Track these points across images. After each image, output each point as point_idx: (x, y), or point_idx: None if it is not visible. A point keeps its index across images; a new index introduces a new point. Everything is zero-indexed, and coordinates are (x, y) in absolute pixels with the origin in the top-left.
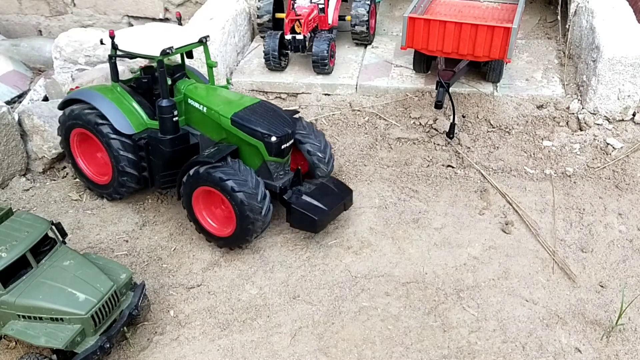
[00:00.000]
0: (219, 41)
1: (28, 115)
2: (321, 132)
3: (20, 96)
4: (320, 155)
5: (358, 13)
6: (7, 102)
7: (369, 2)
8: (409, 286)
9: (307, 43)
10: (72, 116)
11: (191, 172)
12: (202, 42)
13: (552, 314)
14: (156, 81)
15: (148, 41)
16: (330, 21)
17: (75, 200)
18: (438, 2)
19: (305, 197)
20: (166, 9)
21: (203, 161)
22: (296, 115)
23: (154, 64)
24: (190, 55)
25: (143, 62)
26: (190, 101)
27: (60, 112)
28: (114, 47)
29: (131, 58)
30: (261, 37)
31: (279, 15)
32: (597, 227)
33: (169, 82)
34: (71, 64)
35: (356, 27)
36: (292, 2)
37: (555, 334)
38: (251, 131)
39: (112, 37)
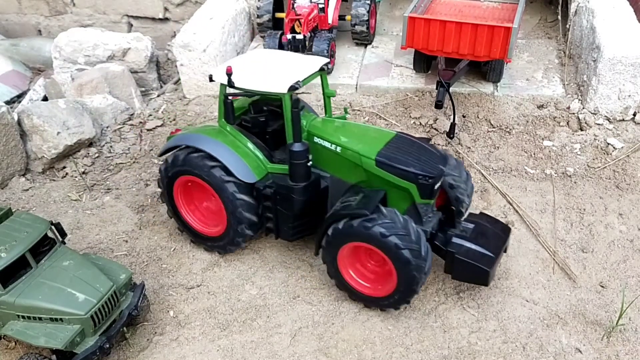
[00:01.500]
0: (219, 41)
1: (27, 115)
2: (460, 160)
3: (20, 96)
4: (463, 187)
5: (358, 13)
6: (7, 102)
7: (369, 2)
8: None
9: (307, 43)
10: (177, 163)
11: (340, 225)
12: (324, 69)
13: (552, 314)
14: (273, 118)
15: (264, 74)
16: (330, 21)
17: (75, 200)
18: (438, 1)
19: (466, 244)
20: (166, 9)
21: (354, 213)
22: (432, 143)
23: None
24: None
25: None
26: (317, 139)
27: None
28: (231, 84)
29: (250, 96)
30: (261, 36)
31: (279, 14)
32: (598, 227)
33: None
34: (71, 64)
35: (356, 26)
36: (292, 1)
37: (556, 334)
38: (402, 173)
39: (229, 73)
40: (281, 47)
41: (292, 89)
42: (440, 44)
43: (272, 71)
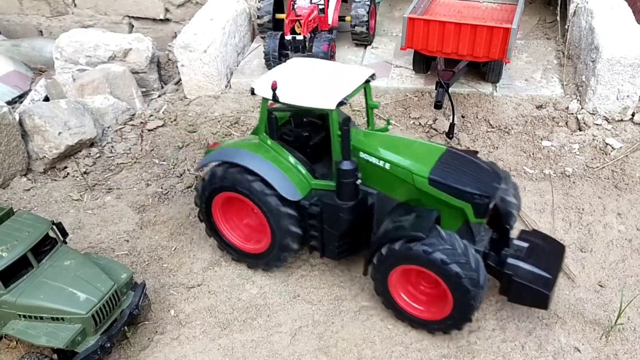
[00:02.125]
0: (219, 41)
1: (29, 115)
2: (507, 172)
3: (21, 96)
4: (514, 202)
5: (358, 14)
6: (8, 103)
7: (368, 3)
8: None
9: (307, 43)
10: (215, 180)
11: (397, 247)
12: (369, 81)
13: (551, 314)
14: (314, 130)
15: (309, 88)
16: (330, 22)
17: (76, 200)
18: (437, 2)
19: (524, 265)
20: (167, 10)
21: (409, 235)
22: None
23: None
24: None
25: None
26: (363, 155)
27: None
28: (275, 99)
29: (296, 112)
30: (261, 37)
31: (279, 15)
32: (596, 227)
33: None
34: (72, 64)
35: (356, 27)
36: (292, 2)
37: (555, 334)
38: (458, 192)
39: (274, 88)
40: (282, 47)
41: (340, 104)
42: (439, 45)
43: (317, 85)
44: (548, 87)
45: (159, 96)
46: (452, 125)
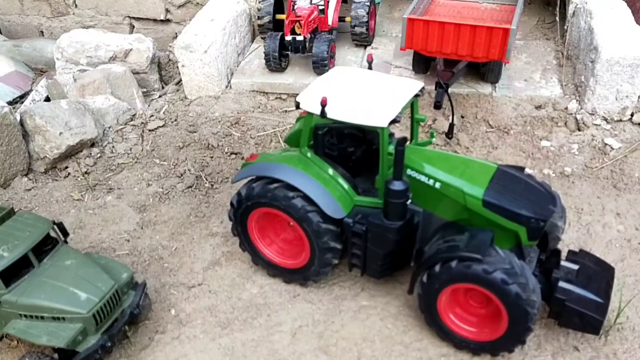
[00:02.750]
0: (220, 42)
1: (30, 115)
2: (557, 193)
3: (22, 97)
4: (559, 224)
5: (358, 14)
6: (9, 103)
7: (368, 4)
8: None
9: (307, 44)
10: (252, 195)
11: (453, 265)
12: (419, 95)
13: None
14: (356, 142)
15: (358, 103)
16: (330, 22)
17: (77, 200)
18: (437, 3)
19: (576, 289)
20: (167, 10)
21: (465, 256)
22: (528, 171)
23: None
24: None
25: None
26: (411, 172)
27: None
28: (324, 115)
29: (345, 129)
30: (262, 38)
31: (279, 16)
32: (595, 227)
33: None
34: (73, 65)
35: (356, 28)
36: (292, 3)
37: (554, 333)
38: (513, 215)
39: (324, 105)
40: (282, 48)
41: (393, 122)
42: (439, 45)
43: (365, 100)
44: (547, 87)
45: (160, 96)
46: (451, 126)
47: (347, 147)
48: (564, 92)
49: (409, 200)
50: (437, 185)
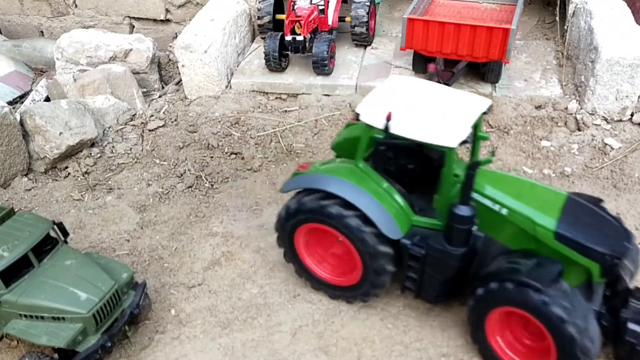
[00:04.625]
0: (220, 42)
1: (30, 115)
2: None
3: (22, 97)
4: (632, 268)
5: (358, 14)
6: (9, 103)
7: (368, 4)
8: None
9: (307, 44)
10: (303, 210)
11: (510, 286)
12: (486, 113)
13: None
14: (411, 156)
15: (424, 119)
16: (330, 22)
17: (77, 200)
18: (437, 3)
19: None
20: (167, 10)
21: (527, 283)
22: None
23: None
24: None
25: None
26: (474, 194)
27: None
28: (387, 130)
29: (411, 146)
30: (262, 38)
31: (279, 16)
32: None
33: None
34: (73, 65)
35: (356, 28)
36: (292, 3)
37: None
38: (587, 251)
39: (389, 119)
40: (282, 48)
41: (463, 142)
42: (439, 45)
43: (433, 116)
44: (547, 87)
45: (160, 96)
46: None
47: (404, 161)
48: (564, 92)
49: (475, 227)
50: (504, 211)
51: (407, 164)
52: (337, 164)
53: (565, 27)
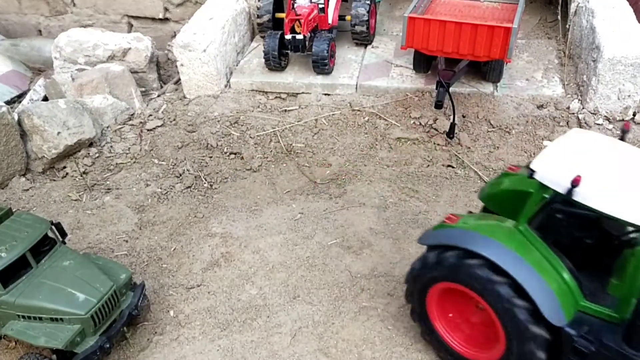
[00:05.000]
0: (219, 41)
1: (28, 115)
2: None
3: (20, 96)
4: None
5: (358, 13)
6: (7, 102)
7: (369, 2)
8: None
9: (307, 43)
10: (443, 267)
11: None
12: None
13: None
14: (583, 226)
15: (618, 189)
16: (330, 21)
17: (75, 200)
18: (438, 2)
19: None
20: (166, 9)
21: None
22: None
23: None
24: None
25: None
26: None
27: None
28: (570, 197)
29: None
30: (261, 37)
31: (279, 15)
32: None
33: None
34: (71, 64)
35: (356, 27)
36: (292, 2)
37: None
38: None
39: (575, 184)
40: (282, 46)
41: None
42: (440, 44)
43: (631, 187)
44: (549, 86)
45: (158, 96)
46: (452, 125)
47: (579, 234)
48: (566, 92)
49: None
50: None
51: (584, 237)
52: (494, 223)
53: (567, 26)
